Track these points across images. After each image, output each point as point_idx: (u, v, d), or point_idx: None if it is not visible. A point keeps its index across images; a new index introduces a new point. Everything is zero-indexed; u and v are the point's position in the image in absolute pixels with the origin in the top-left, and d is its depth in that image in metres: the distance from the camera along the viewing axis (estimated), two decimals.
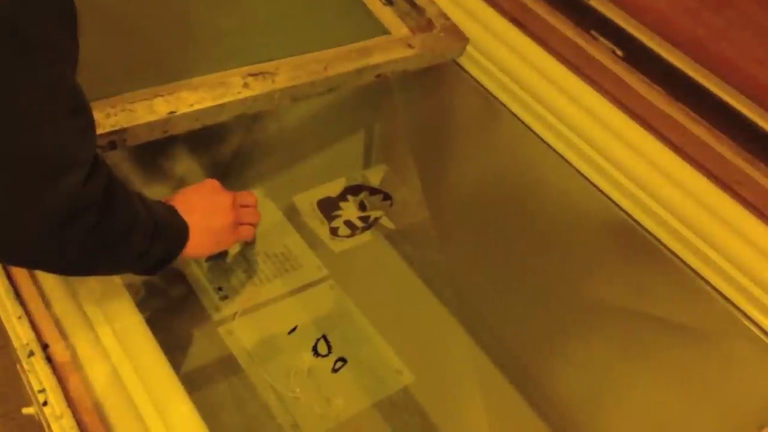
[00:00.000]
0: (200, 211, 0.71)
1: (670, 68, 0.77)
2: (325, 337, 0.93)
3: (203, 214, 0.71)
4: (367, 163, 1.19)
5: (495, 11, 0.91)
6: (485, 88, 0.91)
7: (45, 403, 0.57)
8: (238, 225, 0.78)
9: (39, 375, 0.58)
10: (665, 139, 0.79)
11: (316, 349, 0.92)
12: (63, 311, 0.62)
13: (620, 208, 0.80)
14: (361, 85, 0.84)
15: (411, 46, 0.86)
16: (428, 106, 1.05)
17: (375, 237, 1.08)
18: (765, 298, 0.71)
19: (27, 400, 0.64)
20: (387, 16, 0.91)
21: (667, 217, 0.77)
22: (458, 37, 0.90)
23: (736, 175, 0.74)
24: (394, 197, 1.13)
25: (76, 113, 0.51)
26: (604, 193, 0.81)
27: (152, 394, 0.59)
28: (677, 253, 0.77)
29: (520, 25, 0.89)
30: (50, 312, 0.62)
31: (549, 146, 0.86)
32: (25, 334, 0.60)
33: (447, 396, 0.95)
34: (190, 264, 0.95)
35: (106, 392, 0.59)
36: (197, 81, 0.74)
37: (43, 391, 0.57)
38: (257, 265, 0.98)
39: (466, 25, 0.91)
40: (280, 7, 0.88)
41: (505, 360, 1.00)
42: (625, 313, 0.86)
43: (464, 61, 0.92)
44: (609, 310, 0.88)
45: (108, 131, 0.66)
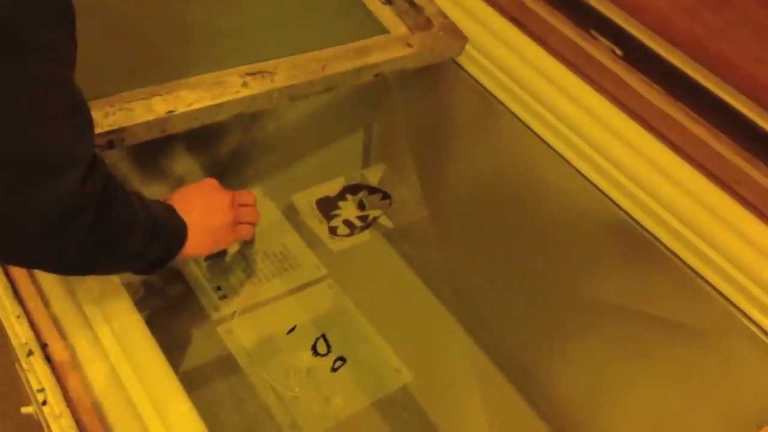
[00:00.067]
0: (199, 210, 0.71)
1: (669, 67, 0.77)
2: (324, 336, 0.93)
3: (202, 213, 0.71)
4: (365, 163, 1.19)
5: (494, 10, 0.91)
6: (484, 87, 0.91)
7: (44, 403, 0.57)
8: (237, 224, 0.78)
9: (38, 374, 0.58)
10: (664, 139, 0.79)
11: (315, 349, 0.91)
12: (62, 311, 0.62)
13: (619, 207, 0.80)
14: (360, 84, 0.84)
15: (410, 45, 0.86)
16: (427, 105, 1.05)
17: (374, 236, 1.08)
18: (764, 298, 0.71)
19: (26, 400, 0.64)
20: (386, 15, 0.91)
21: (666, 217, 0.77)
22: (457, 36, 0.90)
23: (736, 175, 0.74)
24: (392, 196, 1.13)
25: (74, 113, 0.51)
26: (603, 193, 0.81)
27: (151, 393, 0.59)
28: (676, 253, 0.77)
29: (519, 24, 0.89)
30: (49, 311, 0.62)
31: (548, 145, 0.86)
32: (24, 334, 0.60)
33: (446, 395, 0.95)
34: (189, 263, 0.95)
35: (105, 392, 0.59)
36: (196, 80, 0.74)
37: (42, 390, 0.57)
38: (256, 265, 0.98)
39: (465, 24, 0.91)
40: (278, 6, 0.88)
41: (504, 359, 1.00)
42: (625, 313, 0.86)
43: (463, 60, 0.92)
44: (608, 310, 0.88)
45: (106, 130, 0.66)
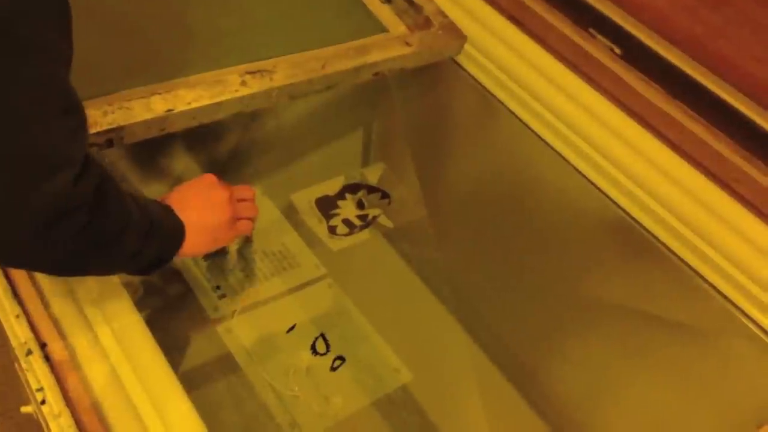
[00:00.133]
0: (196, 208, 0.70)
1: (668, 66, 0.77)
2: (323, 335, 0.93)
3: (200, 212, 0.70)
4: (365, 162, 1.19)
5: (493, 9, 0.91)
6: (483, 86, 0.91)
7: (43, 402, 0.57)
8: (236, 220, 0.77)
9: (37, 374, 0.58)
10: (663, 137, 0.79)
11: (314, 348, 0.92)
12: (61, 310, 0.62)
13: (618, 206, 0.80)
14: (359, 83, 0.84)
15: (409, 44, 0.86)
16: (426, 104, 1.05)
17: (373, 235, 1.08)
18: (763, 296, 0.71)
19: (25, 399, 0.64)
20: (385, 14, 0.91)
21: (664, 215, 0.77)
22: (456, 35, 0.90)
23: (734, 173, 0.74)
24: (392, 195, 1.13)
25: (68, 113, 0.51)
26: (601, 191, 0.82)
27: (151, 393, 0.59)
28: (675, 251, 0.77)
29: (518, 23, 0.89)
30: (48, 311, 0.62)
31: (547, 144, 0.86)
32: (23, 333, 0.60)
33: (445, 394, 0.95)
34: (188, 263, 0.95)
35: (105, 391, 0.59)
36: (195, 79, 0.74)
37: (41, 389, 0.57)
38: (255, 264, 0.98)
39: (464, 23, 0.91)
40: (278, 5, 0.88)
41: (503, 358, 1.00)
42: (623, 311, 0.86)
43: (462, 59, 0.92)
44: (607, 308, 0.88)
45: (105, 129, 0.66)
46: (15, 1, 0.44)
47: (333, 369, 0.90)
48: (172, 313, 0.93)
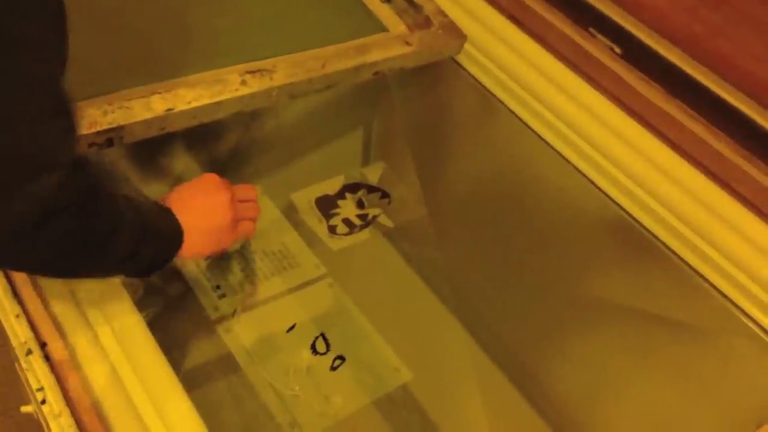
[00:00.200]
0: (197, 210, 0.69)
1: (668, 65, 0.77)
2: (323, 335, 0.93)
3: (200, 214, 0.69)
4: (365, 161, 1.19)
5: (493, 8, 0.91)
6: (483, 86, 0.91)
7: (43, 402, 0.57)
8: (238, 222, 0.75)
9: (37, 373, 0.58)
10: (663, 137, 0.79)
11: (314, 347, 0.92)
12: (61, 310, 0.62)
13: (618, 205, 0.80)
14: (359, 82, 0.84)
15: (409, 44, 0.86)
16: (426, 104, 1.05)
17: (373, 235, 1.08)
18: (763, 296, 0.71)
19: (26, 399, 0.64)
20: (385, 13, 0.91)
21: (664, 214, 0.77)
22: (456, 34, 0.90)
23: (734, 172, 0.74)
24: (392, 195, 1.13)
25: (58, 115, 0.50)
26: (601, 191, 0.82)
27: (151, 392, 0.59)
28: (675, 251, 0.77)
29: (518, 23, 0.89)
30: (48, 311, 0.62)
31: (547, 143, 0.86)
32: (23, 333, 0.60)
33: (445, 393, 0.95)
34: (188, 263, 0.95)
35: (105, 391, 0.59)
36: (195, 78, 0.74)
37: (41, 389, 0.57)
38: (255, 264, 0.98)
39: (464, 23, 0.91)
40: (277, 4, 0.88)
41: (503, 357, 1.00)
42: (623, 311, 0.86)
43: (462, 59, 0.92)
44: (607, 308, 0.88)
45: (105, 128, 0.66)
46: (5, 1, 0.44)
47: (333, 368, 0.90)
48: (173, 313, 0.93)
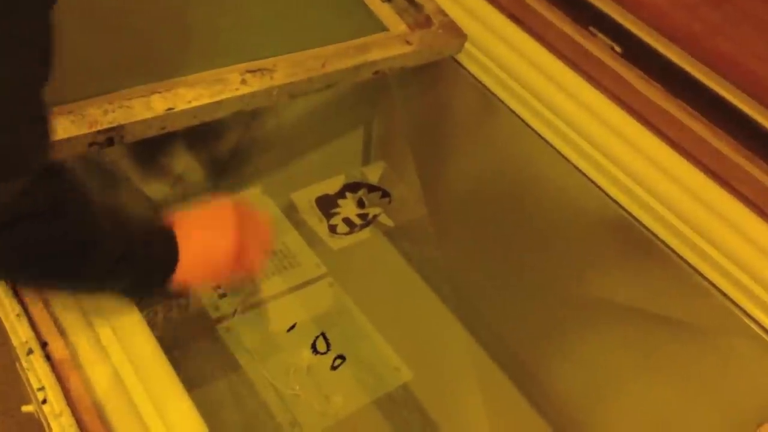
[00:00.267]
0: (198, 238, 0.63)
1: (668, 64, 0.77)
2: (324, 334, 0.93)
3: (200, 243, 0.63)
4: (365, 160, 1.19)
5: (493, 8, 0.91)
6: (483, 85, 0.91)
7: (44, 401, 0.57)
8: (241, 259, 0.67)
9: (38, 373, 0.58)
10: (663, 136, 0.79)
11: (315, 347, 0.92)
12: (62, 309, 0.62)
13: (618, 204, 0.80)
14: (359, 81, 0.84)
15: (409, 43, 0.86)
16: (426, 103, 1.05)
17: (373, 234, 1.08)
18: (764, 295, 0.71)
19: (26, 398, 0.64)
20: (385, 12, 0.91)
21: (664, 213, 0.77)
22: (456, 33, 0.90)
23: (734, 171, 0.74)
24: (392, 194, 1.13)
25: (34, 121, 0.49)
26: (601, 190, 0.82)
27: (151, 392, 0.59)
28: (675, 250, 0.77)
29: (519, 22, 0.89)
30: (49, 310, 0.62)
31: (547, 143, 0.86)
32: (24, 332, 0.60)
33: (446, 392, 0.95)
34: None
35: (106, 390, 0.59)
36: (195, 77, 0.74)
37: (42, 389, 0.57)
38: None
39: (464, 22, 0.91)
40: (278, 4, 0.88)
41: (504, 356, 1.00)
42: (623, 310, 0.86)
43: (462, 58, 0.92)
44: (607, 307, 0.88)
45: (106, 128, 0.66)
46: None
47: (333, 368, 0.90)
48: (173, 313, 0.93)
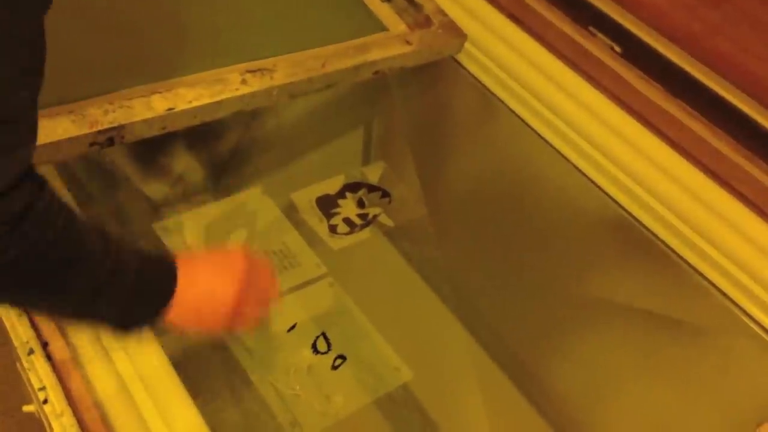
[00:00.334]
0: (199, 283, 0.61)
1: (668, 64, 0.77)
2: (324, 334, 0.93)
3: (199, 289, 0.61)
4: (365, 160, 1.19)
5: (493, 8, 0.91)
6: (483, 85, 0.91)
7: (45, 401, 0.57)
8: (238, 315, 0.64)
9: (39, 373, 0.58)
10: (663, 135, 0.79)
11: (315, 347, 0.92)
12: None
13: (618, 204, 0.80)
14: (359, 81, 0.84)
15: (409, 43, 0.86)
16: (426, 103, 1.05)
17: (374, 234, 1.08)
18: (763, 295, 0.71)
19: (27, 398, 0.64)
20: (385, 12, 0.91)
21: (664, 213, 0.77)
22: (456, 33, 0.90)
23: (734, 171, 0.74)
24: (392, 194, 1.13)
25: (6, 129, 0.45)
26: (601, 189, 0.82)
27: (152, 391, 0.59)
28: (675, 249, 0.77)
29: (518, 22, 0.89)
30: None
31: (547, 142, 0.86)
32: (25, 332, 0.60)
33: (446, 392, 0.95)
34: None
35: (107, 390, 0.59)
36: (195, 78, 0.74)
37: (43, 389, 0.57)
38: None
39: (464, 22, 0.91)
40: (278, 4, 0.88)
41: (504, 356, 1.01)
42: (623, 310, 0.86)
43: (462, 58, 0.92)
44: (607, 306, 0.88)
45: (106, 128, 0.66)
46: None
47: (334, 368, 0.90)
48: None
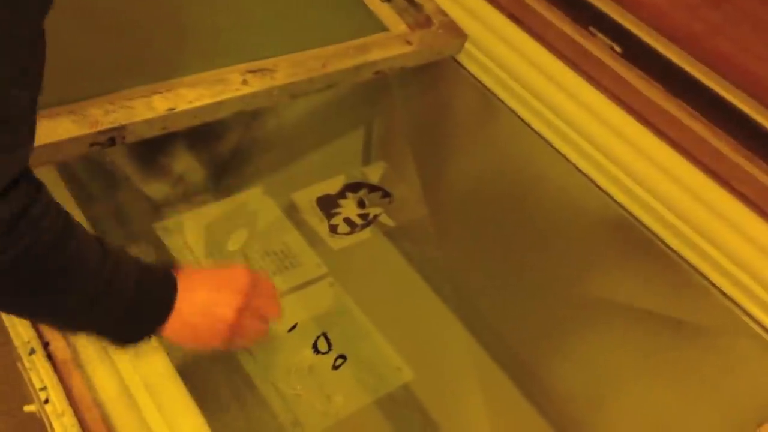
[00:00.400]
0: (197, 300, 0.60)
1: (668, 64, 0.77)
2: (325, 334, 0.93)
3: (198, 305, 0.60)
4: (366, 160, 1.19)
5: (493, 8, 0.91)
6: (483, 85, 0.91)
7: (46, 401, 0.57)
8: (236, 333, 0.65)
9: (40, 373, 0.58)
10: (663, 136, 0.79)
11: (316, 347, 0.92)
12: None
13: (618, 204, 0.80)
14: (360, 81, 0.84)
15: (409, 43, 0.86)
16: (427, 103, 1.05)
17: (374, 234, 1.08)
18: (763, 295, 0.71)
19: (28, 398, 0.64)
20: (385, 12, 0.91)
21: (665, 213, 0.77)
22: (456, 33, 0.90)
23: (734, 171, 0.74)
24: (393, 194, 1.13)
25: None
26: (602, 190, 0.82)
27: (153, 391, 0.59)
28: (675, 249, 0.77)
29: (518, 22, 0.89)
30: None
31: (547, 142, 0.86)
32: (26, 332, 0.60)
33: (447, 392, 0.95)
34: (189, 261, 0.95)
35: (108, 390, 0.59)
36: (196, 78, 0.74)
37: (44, 388, 0.57)
38: (257, 263, 0.98)
39: (465, 22, 0.91)
40: (278, 4, 0.88)
41: (504, 356, 1.01)
42: (624, 310, 0.86)
43: (462, 58, 0.92)
44: (607, 307, 0.88)
45: (107, 128, 0.66)
46: None
47: (335, 368, 0.90)
48: None
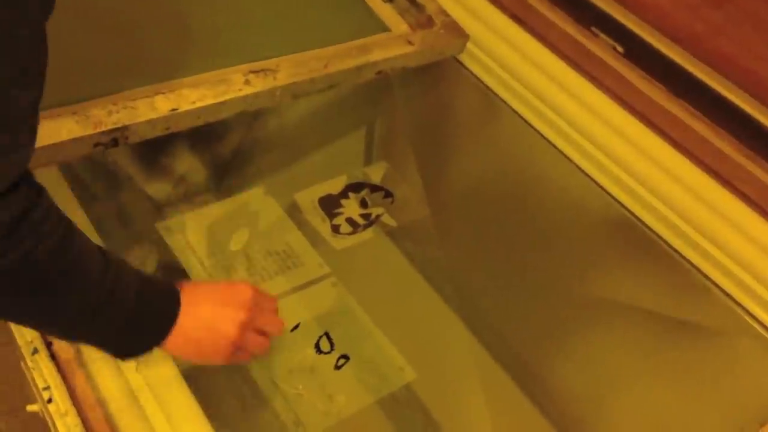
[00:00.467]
0: (201, 315, 0.61)
1: (670, 64, 0.77)
2: (327, 334, 0.93)
3: (201, 321, 0.61)
4: (368, 161, 1.19)
5: (495, 8, 0.91)
6: (485, 85, 0.91)
7: (50, 401, 0.57)
8: (238, 349, 0.66)
9: (43, 372, 0.58)
10: (666, 136, 0.79)
11: (318, 347, 0.92)
12: None
13: (621, 204, 0.80)
14: (362, 82, 0.85)
15: (411, 43, 0.86)
16: (428, 103, 1.05)
17: (376, 234, 1.08)
18: (766, 295, 0.71)
19: (31, 398, 0.64)
20: (387, 13, 0.92)
21: (667, 214, 0.77)
22: (458, 33, 0.90)
23: (737, 172, 0.74)
24: (395, 194, 1.13)
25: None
26: (604, 190, 0.82)
27: (155, 390, 0.60)
28: (678, 250, 0.77)
29: (521, 22, 0.89)
30: None
31: (549, 143, 0.86)
32: (29, 332, 0.60)
33: (449, 392, 0.95)
34: (191, 261, 0.95)
35: (111, 389, 0.59)
36: (199, 78, 0.74)
37: (47, 388, 0.58)
38: (259, 263, 0.98)
39: (466, 22, 0.91)
40: (280, 4, 0.88)
41: (506, 356, 1.01)
42: (626, 310, 0.86)
43: (464, 58, 0.92)
44: (609, 307, 0.88)
45: (110, 128, 0.66)
46: None
47: (337, 367, 0.90)
48: None
